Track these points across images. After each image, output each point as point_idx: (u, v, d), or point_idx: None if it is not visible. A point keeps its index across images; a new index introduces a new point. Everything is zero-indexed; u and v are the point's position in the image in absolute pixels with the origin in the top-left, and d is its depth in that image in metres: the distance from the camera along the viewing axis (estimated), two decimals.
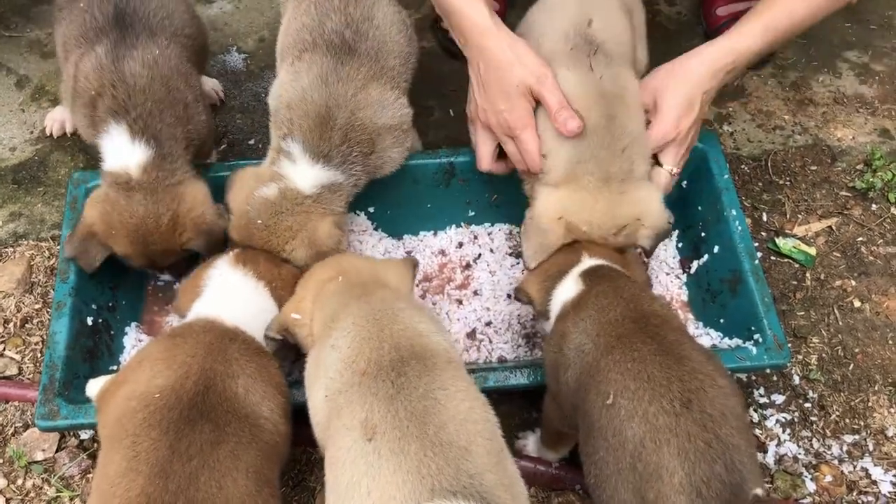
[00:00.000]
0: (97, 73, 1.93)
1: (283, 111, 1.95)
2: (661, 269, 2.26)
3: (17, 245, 2.31)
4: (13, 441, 1.98)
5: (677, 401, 1.42)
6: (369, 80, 1.96)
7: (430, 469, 1.30)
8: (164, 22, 2.04)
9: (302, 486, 1.94)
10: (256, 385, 1.57)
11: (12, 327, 2.16)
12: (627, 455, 1.42)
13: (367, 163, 1.98)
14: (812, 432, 2.06)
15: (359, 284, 1.67)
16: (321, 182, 1.91)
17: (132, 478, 1.38)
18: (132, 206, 1.89)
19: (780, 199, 2.48)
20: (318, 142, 1.90)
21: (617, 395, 1.47)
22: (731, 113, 2.70)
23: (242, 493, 1.43)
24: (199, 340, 1.60)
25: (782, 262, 2.35)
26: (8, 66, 2.72)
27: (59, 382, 1.79)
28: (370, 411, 1.39)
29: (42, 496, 1.91)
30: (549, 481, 1.92)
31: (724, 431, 1.39)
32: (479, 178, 2.19)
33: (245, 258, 1.83)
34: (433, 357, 1.49)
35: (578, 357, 1.60)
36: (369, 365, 1.46)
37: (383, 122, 1.97)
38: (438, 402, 1.40)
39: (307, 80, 1.93)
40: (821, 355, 2.18)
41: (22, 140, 2.54)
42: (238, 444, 1.47)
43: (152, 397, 1.48)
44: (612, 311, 1.62)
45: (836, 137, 2.64)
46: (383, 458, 1.33)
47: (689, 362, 1.48)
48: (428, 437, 1.34)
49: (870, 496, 1.97)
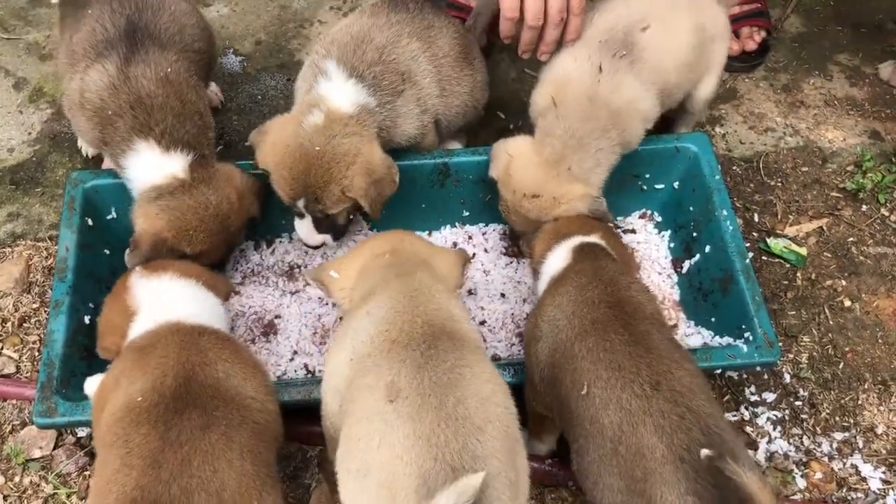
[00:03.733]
0: (111, 93, 1.94)
1: (331, 34, 2.05)
2: (654, 269, 2.28)
3: (16, 245, 2.33)
4: (11, 438, 2.00)
5: (647, 384, 1.50)
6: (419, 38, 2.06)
7: (440, 439, 1.35)
8: (175, 37, 2.05)
9: (297, 482, 1.95)
10: (235, 368, 1.58)
11: (10, 326, 2.17)
12: (608, 441, 1.48)
13: (395, 106, 2.00)
14: (803, 430, 2.08)
15: (405, 263, 1.71)
16: (358, 100, 1.94)
17: (126, 472, 1.39)
18: (201, 200, 1.94)
19: (771, 200, 2.51)
20: (352, 57, 1.95)
21: (591, 386, 1.53)
22: (723, 115, 2.72)
23: (239, 474, 1.43)
24: (169, 341, 1.59)
25: (773, 262, 2.38)
26: (6, 68, 2.74)
27: (57, 380, 1.81)
28: (397, 375, 1.44)
29: (39, 493, 1.92)
30: (542, 478, 1.94)
31: (694, 403, 1.47)
32: (473, 178, 2.22)
33: (157, 266, 1.81)
34: (462, 339, 1.54)
35: (552, 331, 1.67)
36: (401, 335, 1.51)
37: (413, 70, 2.03)
38: (464, 377, 1.44)
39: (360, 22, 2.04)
40: (811, 354, 2.21)
41: (20, 141, 2.56)
42: (229, 427, 1.48)
43: (135, 402, 1.48)
44: (589, 290, 1.68)
45: (827, 139, 2.67)
46: (400, 419, 1.38)
47: (656, 351, 1.56)
48: (446, 408, 1.38)
49: (859, 493, 1.99)
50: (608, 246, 1.86)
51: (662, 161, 2.25)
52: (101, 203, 2.12)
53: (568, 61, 2.03)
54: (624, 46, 1.98)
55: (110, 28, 2.00)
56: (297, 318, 2.14)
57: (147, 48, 1.98)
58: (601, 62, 1.97)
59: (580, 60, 2.00)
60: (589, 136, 1.95)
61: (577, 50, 2.03)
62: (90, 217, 2.09)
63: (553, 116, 1.97)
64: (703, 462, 1.36)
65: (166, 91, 1.95)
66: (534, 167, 1.99)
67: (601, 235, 1.88)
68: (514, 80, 2.77)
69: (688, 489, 1.38)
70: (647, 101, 2.03)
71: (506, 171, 2.03)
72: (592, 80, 1.97)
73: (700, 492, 1.37)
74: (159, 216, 1.94)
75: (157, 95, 1.94)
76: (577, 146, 1.95)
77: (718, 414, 1.49)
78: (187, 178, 1.95)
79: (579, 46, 2.03)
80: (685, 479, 1.38)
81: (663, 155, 2.24)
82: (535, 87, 2.09)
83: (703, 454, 1.36)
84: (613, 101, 1.97)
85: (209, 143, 2.03)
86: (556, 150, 1.95)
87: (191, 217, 1.95)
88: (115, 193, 2.12)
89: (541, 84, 2.08)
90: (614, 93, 1.97)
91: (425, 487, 1.31)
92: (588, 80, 1.98)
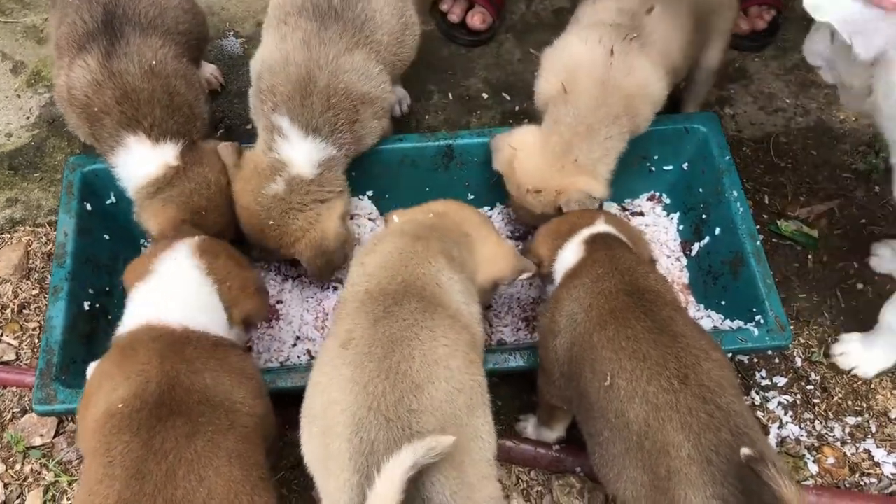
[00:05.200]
0: (95, 89, 1.90)
1: (266, 76, 1.93)
2: (662, 252, 2.24)
3: (14, 231, 2.30)
4: (11, 426, 1.98)
5: (675, 378, 1.43)
6: (353, 47, 1.94)
7: (377, 389, 1.39)
8: (157, 21, 1.99)
9: (301, 468, 1.92)
10: (222, 376, 1.52)
11: (9, 313, 2.15)
12: (633, 435, 1.42)
13: (354, 131, 1.96)
14: (814, 414, 2.05)
15: (439, 228, 1.73)
16: (318, 159, 1.90)
17: (108, 484, 1.34)
18: (200, 180, 1.93)
19: (781, 182, 2.46)
20: (301, 109, 1.88)
21: (614, 377, 1.47)
22: (733, 95, 2.67)
23: (227, 481, 1.38)
24: (150, 349, 1.52)
25: (784, 244, 2.34)
26: (3, 51, 2.70)
27: (57, 367, 1.78)
28: (355, 324, 1.50)
29: (40, 481, 1.90)
30: (550, 464, 1.91)
31: (723, 400, 1.41)
32: (478, 161, 2.18)
33: (205, 249, 1.72)
34: (439, 306, 1.55)
35: (570, 325, 1.61)
36: (376, 288, 1.56)
37: (366, 90, 1.95)
38: (417, 336, 1.47)
39: (291, 44, 1.92)
40: (823, 337, 2.17)
41: (18, 126, 2.52)
42: (216, 433, 1.43)
43: (116, 408, 1.43)
44: (606, 281, 1.62)
45: (839, 119, 2.62)
46: (345, 365, 1.44)
47: (682, 339, 1.49)
48: (388, 361, 1.42)
49: (872, 478, 1.96)
50: (618, 231, 1.81)
51: (671, 142, 2.21)
52: (100, 187, 2.09)
53: (577, 45, 1.97)
54: (633, 30, 1.94)
55: (89, 20, 1.94)
56: (299, 302, 2.11)
57: (127, 37, 1.92)
58: (613, 45, 1.91)
59: (591, 43, 1.94)
60: (599, 123, 1.90)
61: (587, 33, 1.97)
62: (89, 202, 2.06)
63: (562, 103, 1.92)
64: (741, 461, 1.30)
65: (152, 84, 1.91)
66: (537, 160, 1.94)
67: (607, 221, 1.83)
68: (519, 61, 2.72)
69: (714, 493, 1.32)
70: (659, 84, 1.99)
71: (509, 165, 1.99)
72: (604, 63, 1.92)
73: (727, 497, 1.32)
74: (167, 208, 1.91)
75: (143, 90, 1.90)
76: (586, 134, 1.90)
77: (747, 412, 1.44)
78: (180, 163, 1.91)
79: (588, 29, 1.97)
80: (712, 483, 1.33)
81: (672, 136, 2.20)
82: (540, 74, 2.03)
83: (744, 454, 1.29)
84: (626, 86, 1.92)
85: (198, 130, 1.99)
86: (563, 139, 1.90)
87: (197, 199, 1.93)
88: (114, 178, 2.07)
89: (547, 70, 2.02)
90: (627, 76, 1.92)
91: (358, 437, 1.34)
92: (600, 64, 1.92)
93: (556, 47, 2.03)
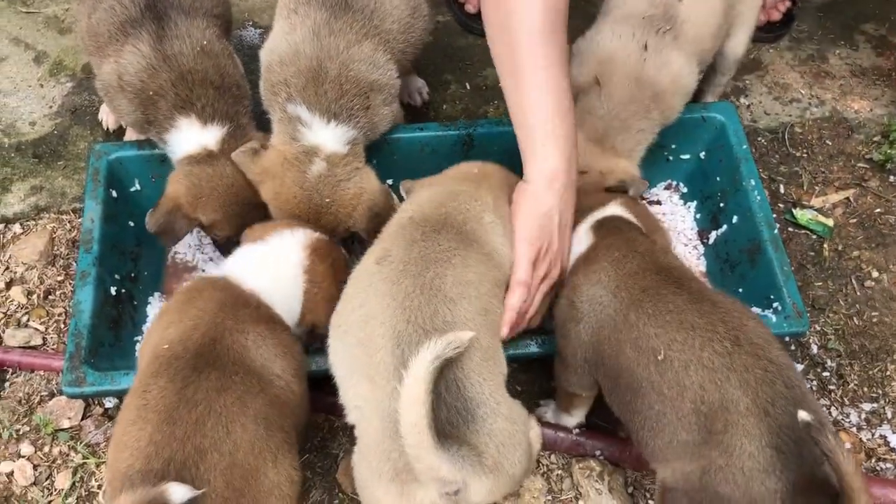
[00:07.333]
0: (151, 73, 1.92)
1: (276, 68, 1.94)
2: (679, 241, 2.26)
3: (39, 218, 2.33)
4: (39, 409, 2.00)
5: (727, 340, 1.47)
6: (363, 38, 1.95)
7: (413, 303, 1.48)
8: (196, 3, 2.02)
9: (325, 452, 1.96)
10: (267, 343, 1.58)
11: (36, 299, 2.18)
12: (688, 402, 1.45)
13: (368, 117, 1.98)
14: (830, 401, 2.07)
15: (488, 178, 1.81)
16: (346, 138, 1.93)
17: (141, 426, 1.40)
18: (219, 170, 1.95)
19: (797, 171, 2.48)
20: (317, 98, 1.90)
21: (667, 349, 1.49)
22: (748, 86, 2.69)
23: (252, 438, 1.44)
24: (212, 297, 1.61)
25: (800, 233, 2.36)
26: (26, 41, 2.73)
27: (85, 350, 1.81)
28: (392, 244, 1.59)
29: (69, 463, 1.93)
30: (570, 447, 1.93)
31: (773, 354, 1.46)
32: (497, 149, 2.19)
33: (316, 248, 1.78)
34: (475, 242, 1.62)
35: (593, 309, 1.63)
36: (420, 216, 1.65)
37: (374, 78, 1.96)
38: (450, 260, 1.56)
39: (300, 35, 1.93)
40: (839, 325, 2.19)
41: (41, 115, 2.55)
42: (246, 393, 1.48)
43: (161, 348, 1.51)
44: (628, 263, 1.64)
45: (853, 110, 2.63)
46: (381, 280, 1.52)
47: (721, 304, 1.54)
48: (424, 278, 1.51)
49: (888, 463, 1.98)
50: (629, 213, 1.82)
51: (688, 131, 2.22)
52: (125, 175, 2.12)
53: (609, 38, 1.98)
54: (666, 21, 1.95)
55: (129, 5, 1.96)
56: None
57: (174, 20, 1.96)
58: (646, 40, 1.93)
59: (624, 38, 1.95)
60: (633, 117, 1.93)
61: (619, 26, 1.97)
62: (114, 189, 2.09)
63: (595, 95, 1.94)
64: (796, 417, 1.34)
65: (205, 64, 1.95)
66: (580, 142, 1.95)
67: (619, 203, 1.83)
68: None
69: (769, 442, 1.37)
70: (691, 77, 2.00)
71: None
72: (638, 59, 1.93)
73: (780, 446, 1.37)
74: (181, 182, 1.95)
75: (198, 70, 1.94)
76: (621, 128, 1.93)
77: (793, 365, 1.49)
78: (216, 150, 1.95)
79: (620, 22, 1.98)
80: (768, 433, 1.38)
81: (689, 125, 2.21)
82: (572, 62, 2.04)
83: (801, 418, 1.32)
84: (660, 81, 1.95)
85: (246, 111, 2.03)
86: (598, 130, 1.93)
87: (204, 185, 1.95)
88: (138, 165, 2.12)
89: (580, 61, 2.03)
90: (660, 71, 1.94)
91: (399, 349, 1.42)
92: (633, 59, 1.94)
93: (588, 39, 2.05)
